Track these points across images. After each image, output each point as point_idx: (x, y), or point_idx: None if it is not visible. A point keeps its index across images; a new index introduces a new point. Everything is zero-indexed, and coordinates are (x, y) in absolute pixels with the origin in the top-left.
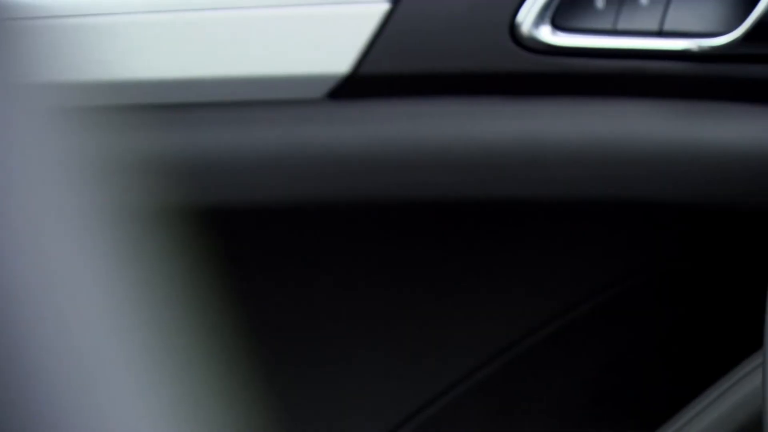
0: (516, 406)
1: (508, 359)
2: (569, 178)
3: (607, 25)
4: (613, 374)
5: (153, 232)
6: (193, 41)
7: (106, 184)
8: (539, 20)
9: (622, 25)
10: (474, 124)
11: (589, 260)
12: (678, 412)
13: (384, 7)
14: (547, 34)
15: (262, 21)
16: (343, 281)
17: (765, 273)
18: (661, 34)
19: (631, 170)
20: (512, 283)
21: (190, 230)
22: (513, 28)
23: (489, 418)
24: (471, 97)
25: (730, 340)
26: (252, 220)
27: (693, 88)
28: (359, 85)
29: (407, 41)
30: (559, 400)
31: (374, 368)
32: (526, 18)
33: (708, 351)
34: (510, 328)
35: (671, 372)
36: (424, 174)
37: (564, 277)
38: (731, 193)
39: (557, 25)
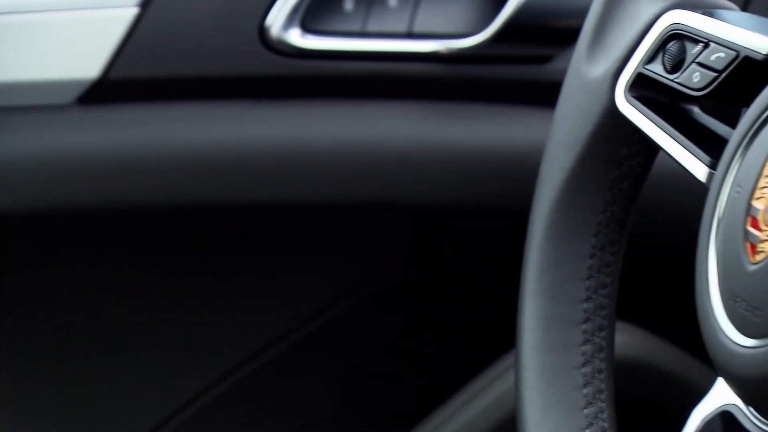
0: (271, 407)
1: (264, 361)
2: (323, 181)
3: (357, 28)
4: (367, 375)
5: None
6: None
7: None
8: (288, 23)
9: (371, 27)
10: (226, 128)
11: (344, 263)
12: (433, 411)
13: (133, 11)
14: (296, 37)
15: (10, 27)
16: (102, 284)
17: (519, 273)
18: (410, 36)
19: (383, 172)
20: (267, 287)
21: None
22: (262, 31)
23: (245, 419)
24: (222, 101)
25: (484, 339)
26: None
27: (443, 89)
28: (109, 89)
29: (157, 45)
30: (313, 402)
31: (135, 369)
32: (275, 21)
33: (462, 351)
34: (266, 330)
35: (425, 372)
36: (178, 179)
37: (318, 281)
38: (483, 194)
39: (307, 28)
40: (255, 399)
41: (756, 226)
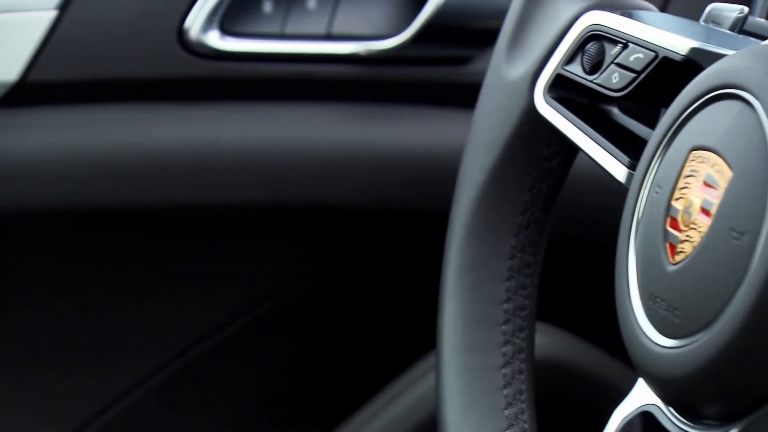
0: (192, 409)
1: (184, 363)
2: (242, 182)
3: (275, 30)
4: (288, 377)
5: None
6: None
7: None
8: (207, 25)
9: (290, 29)
10: (145, 130)
11: (264, 265)
12: (354, 413)
13: (52, 14)
14: (215, 40)
15: None
16: (22, 285)
17: (439, 274)
18: (329, 37)
19: (302, 174)
20: (186, 290)
21: None
22: (181, 33)
23: (167, 421)
24: (142, 104)
25: (405, 340)
26: None
27: (362, 91)
28: (28, 93)
29: (75, 48)
30: (233, 404)
31: (56, 371)
32: (194, 23)
33: (383, 352)
34: (185, 333)
35: (346, 373)
36: (96, 181)
37: (237, 283)
38: (402, 195)
39: (226, 30)
40: (176, 401)
41: (675, 226)
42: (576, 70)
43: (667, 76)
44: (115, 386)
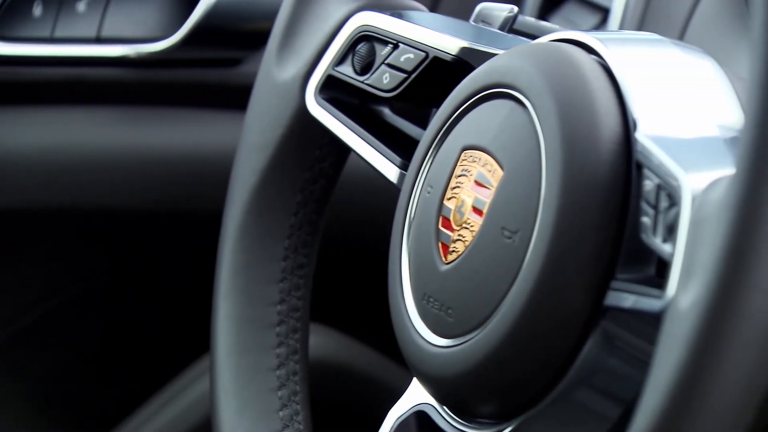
0: None
1: None
2: (15, 187)
3: (46, 33)
4: (65, 380)
5: None
6: None
7: None
8: None
9: (60, 33)
10: None
11: (39, 269)
12: (130, 414)
13: None
14: None
15: None
16: None
17: (212, 276)
18: (99, 40)
19: (77, 178)
20: None
21: None
22: None
23: None
24: None
25: (181, 342)
26: None
27: (134, 93)
28: None
29: None
30: (9, 411)
31: None
32: None
33: (159, 354)
34: None
35: (124, 375)
36: None
37: (12, 287)
38: (176, 197)
39: (1, 35)
40: None
41: (448, 226)
42: (347, 70)
43: (437, 76)
44: None
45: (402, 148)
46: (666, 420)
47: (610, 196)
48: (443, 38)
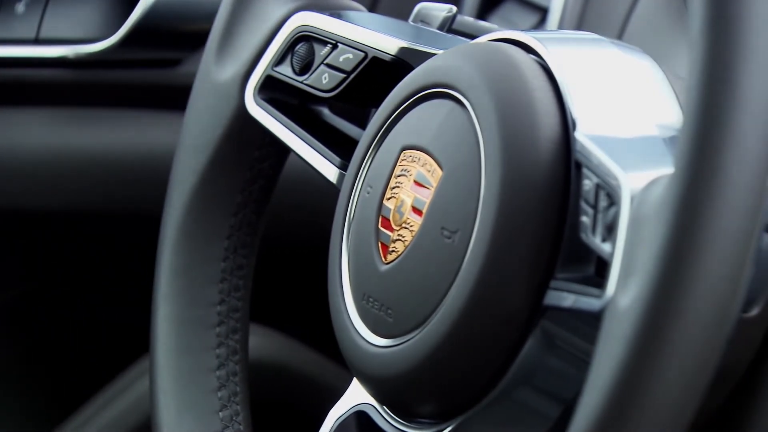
0: None
1: None
2: None
3: None
4: (4, 379)
5: None
6: None
7: None
8: None
9: None
10: None
11: None
12: (67, 416)
13: None
14: None
15: None
16: None
17: (152, 277)
18: (38, 41)
19: (13, 180)
20: None
21: None
22: None
23: None
24: None
25: (120, 343)
26: None
27: (73, 94)
28: None
29: None
30: None
31: None
32: None
33: (98, 355)
34: None
35: (63, 377)
36: None
37: None
38: (115, 198)
39: None
40: None
41: (387, 226)
42: (286, 71)
43: (377, 76)
44: None
45: (341, 148)
46: (605, 419)
47: (549, 196)
48: (382, 38)
